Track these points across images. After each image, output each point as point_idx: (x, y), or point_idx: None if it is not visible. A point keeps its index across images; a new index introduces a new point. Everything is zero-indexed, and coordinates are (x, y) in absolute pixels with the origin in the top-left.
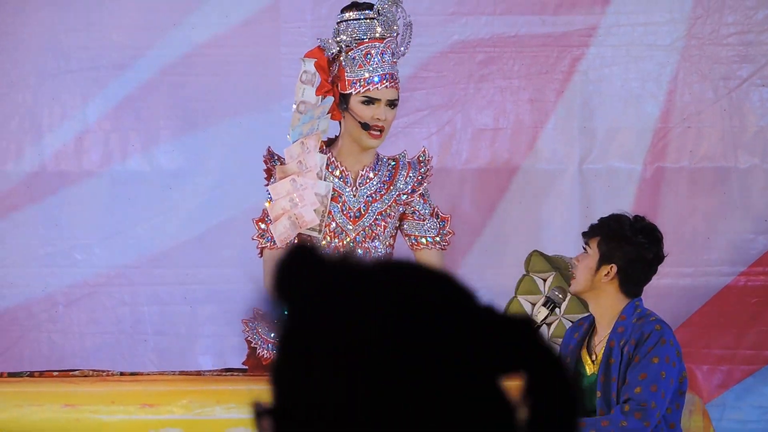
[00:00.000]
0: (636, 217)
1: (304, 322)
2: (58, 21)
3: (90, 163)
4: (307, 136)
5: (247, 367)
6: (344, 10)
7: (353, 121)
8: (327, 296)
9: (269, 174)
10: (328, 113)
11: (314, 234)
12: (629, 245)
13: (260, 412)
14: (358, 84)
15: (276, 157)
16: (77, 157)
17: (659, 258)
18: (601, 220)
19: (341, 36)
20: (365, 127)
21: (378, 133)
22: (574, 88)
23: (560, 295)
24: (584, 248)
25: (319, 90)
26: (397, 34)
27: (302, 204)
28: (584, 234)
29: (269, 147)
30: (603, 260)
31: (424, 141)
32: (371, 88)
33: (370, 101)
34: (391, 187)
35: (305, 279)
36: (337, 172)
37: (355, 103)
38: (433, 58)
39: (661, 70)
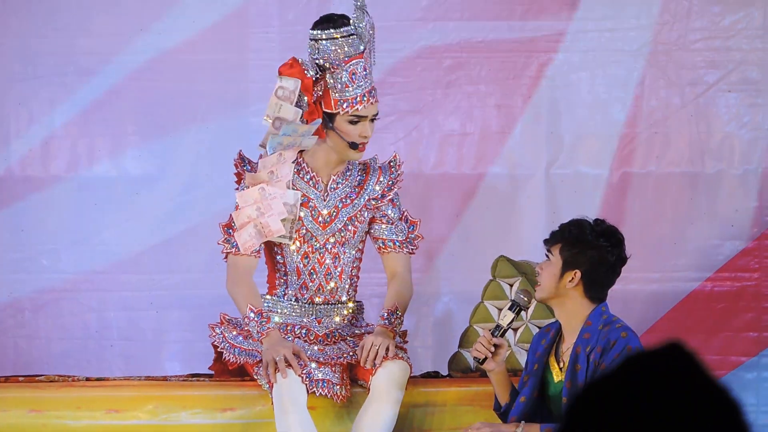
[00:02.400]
0: (596, 220)
1: None
2: (26, 27)
3: (57, 169)
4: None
5: (213, 372)
6: (318, 26)
7: (339, 139)
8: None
9: (240, 178)
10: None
11: (284, 241)
12: (591, 249)
13: None
14: (345, 104)
15: (247, 161)
16: (44, 163)
17: (622, 260)
18: (562, 226)
19: (324, 56)
20: (353, 146)
21: (364, 146)
22: (542, 94)
23: (525, 298)
24: (547, 256)
25: (308, 115)
26: (369, 41)
27: (269, 213)
28: (546, 241)
29: (240, 151)
30: (566, 266)
31: (391, 146)
32: (359, 108)
33: (356, 120)
34: (362, 192)
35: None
36: (308, 177)
37: (341, 122)
38: (400, 63)
39: (628, 76)
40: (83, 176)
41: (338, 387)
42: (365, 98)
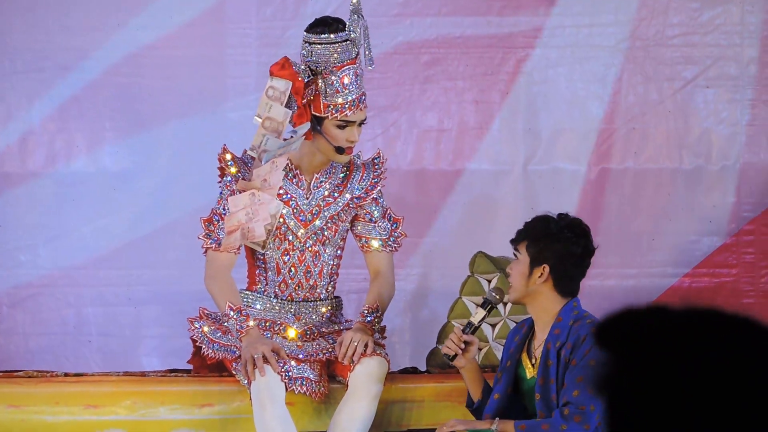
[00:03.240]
0: (560, 214)
1: (631, 368)
2: (4, 22)
3: (34, 164)
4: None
5: (191, 366)
6: (314, 28)
7: (326, 142)
8: (652, 346)
9: (222, 172)
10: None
11: (257, 247)
12: (557, 242)
13: None
14: (335, 109)
15: (231, 156)
16: (22, 158)
17: (589, 251)
18: (526, 223)
19: (317, 60)
20: (340, 150)
21: (351, 150)
22: (519, 90)
23: (497, 296)
24: (515, 255)
25: (297, 118)
26: (364, 44)
27: (256, 218)
28: (512, 241)
29: (225, 146)
30: (534, 262)
31: (369, 142)
32: (348, 114)
33: (344, 125)
34: (345, 190)
35: (632, 328)
36: (291, 175)
37: (329, 126)
38: (377, 59)
39: (606, 72)
40: (61, 172)
41: (316, 384)
42: (355, 104)
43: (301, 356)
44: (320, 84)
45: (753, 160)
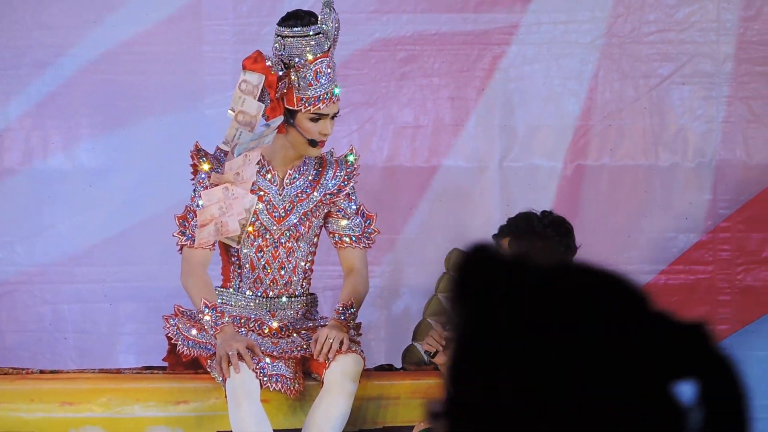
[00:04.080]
0: (543, 212)
1: (482, 323)
2: None
3: (11, 161)
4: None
5: (167, 363)
6: (286, 22)
7: (298, 135)
8: (506, 297)
9: (195, 169)
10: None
11: (232, 243)
12: (540, 240)
13: (435, 413)
14: (308, 102)
15: (203, 154)
16: None
17: (571, 250)
18: (510, 219)
19: (290, 53)
20: (313, 143)
21: (323, 143)
22: (495, 86)
23: None
24: None
25: (270, 112)
26: (335, 39)
27: (229, 213)
28: (494, 236)
29: (197, 143)
30: None
31: (344, 138)
32: (321, 107)
33: (317, 117)
34: (318, 186)
35: (485, 279)
36: (264, 171)
37: (302, 119)
38: (354, 55)
39: (582, 68)
40: (37, 169)
41: (291, 381)
42: (327, 97)
43: (275, 353)
44: (293, 77)
45: (729, 157)
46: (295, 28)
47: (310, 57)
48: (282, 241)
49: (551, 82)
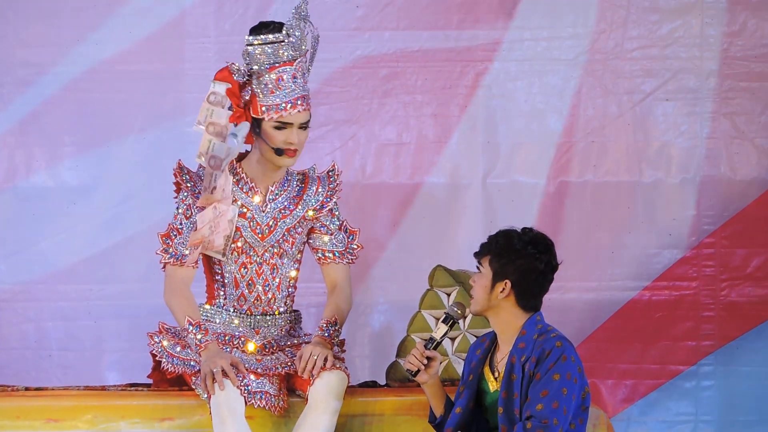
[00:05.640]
0: (524, 229)
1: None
2: None
3: None
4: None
5: (152, 381)
6: (253, 31)
7: (266, 145)
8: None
9: (178, 187)
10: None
11: (218, 257)
12: (520, 258)
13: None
14: (271, 110)
15: (186, 171)
16: None
17: (552, 267)
18: (490, 237)
19: (251, 61)
20: (278, 152)
21: (293, 152)
22: (478, 103)
23: (459, 311)
24: (478, 268)
25: (232, 117)
26: (307, 51)
27: (217, 231)
28: (476, 254)
29: (179, 160)
30: (497, 277)
31: (327, 156)
32: (284, 114)
33: (282, 126)
34: (300, 203)
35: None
36: (246, 188)
37: (267, 128)
38: (336, 73)
39: (565, 85)
40: (20, 186)
41: (276, 398)
42: (291, 105)
43: (260, 370)
44: (255, 85)
45: (713, 173)
46: (260, 36)
47: (272, 64)
48: (266, 257)
49: (534, 99)
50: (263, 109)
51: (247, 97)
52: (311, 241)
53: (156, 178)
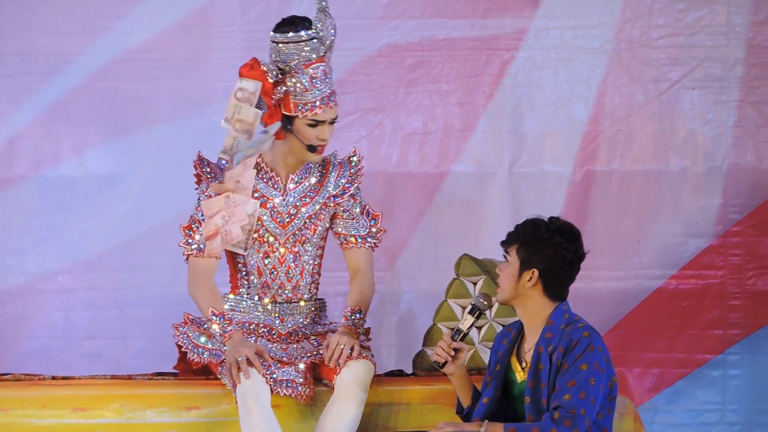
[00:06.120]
0: (551, 218)
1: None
2: None
3: (21, 168)
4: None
5: (178, 371)
6: (281, 28)
7: (297, 141)
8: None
9: (199, 179)
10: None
11: (238, 250)
12: (547, 247)
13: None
14: (305, 108)
15: (206, 163)
16: (8, 162)
17: (579, 256)
18: (517, 226)
19: (286, 59)
20: (311, 149)
21: (322, 149)
22: (504, 92)
23: (485, 302)
24: (505, 257)
25: (266, 116)
26: (331, 45)
27: (232, 221)
28: (503, 243)
29: (199, 152)
30: (524, 266)
31: (353, 144)
32: (318, 112)
33: (315, 123)
34: (321, 189)
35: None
36: (267, 178)
37: (300, 125)
38: (362, 61)
39: (591, 74)
40: (48, 176)
41: (302, 387)
42: (324, 102)
43: (285, 359)
44: (288, 83)
45: (739, 162)
46: (289, 34)
47: (304, 62)
48: (288, 245)
49: (560, 88)
50: (298, 107)
51: (280, 96)
52: (334, 226)
53: (183, 167)
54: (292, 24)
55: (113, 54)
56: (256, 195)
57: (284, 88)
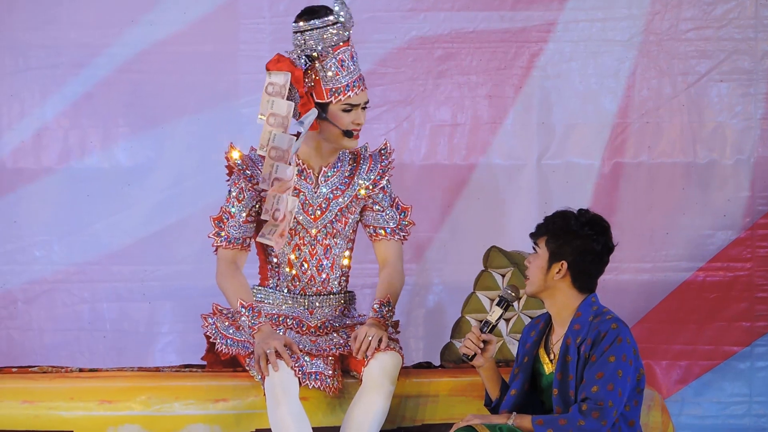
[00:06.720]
0: (580, 210)
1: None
2: (17, 19)
3: (48, 160)
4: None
5: (205, 362)
6: (302, 17)
7: (333, 128)
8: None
9: (230, 170)
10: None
11: (271, 243)
12: (577, 239)
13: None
14: (338, 92)
15: (251, 162)
16: (36, 154)
17: (608, 248)
18: (547, 218)
19: (312, 46)
20: (348, 134)
21: (358, 134)
22: (533, 84)
23: (513, 294)
24: (534, 249)
25: (301, 107)
26: (350, 31)
27: (283, 219)
28: (532, 235)
29: (231, 143)
30: (553, 258)
31: (382, 137)
32: (351, 95)
33: (350, 108)
34: (352, 182)
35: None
36: (299, 170)
37: (335, 110)
38: (391, 54)
39: (620, 66)
40: (75, 168)
41: (330, 379)
42: (356, 84)
43: (314, 351)
44: (318, 69)
45: (767, 154)
46: (313, 21)
47: (332, 46)
48: (319, 238)
49: (588, 80)
50: (330, 92)
51: (311, 84)
52: (363, 218)
53: (210, 160)
54: (313, 12)
55: (141, 46)
56: None
57: (315, 76)
